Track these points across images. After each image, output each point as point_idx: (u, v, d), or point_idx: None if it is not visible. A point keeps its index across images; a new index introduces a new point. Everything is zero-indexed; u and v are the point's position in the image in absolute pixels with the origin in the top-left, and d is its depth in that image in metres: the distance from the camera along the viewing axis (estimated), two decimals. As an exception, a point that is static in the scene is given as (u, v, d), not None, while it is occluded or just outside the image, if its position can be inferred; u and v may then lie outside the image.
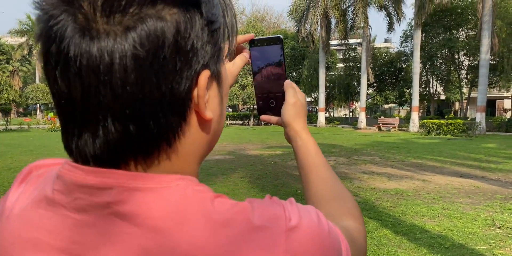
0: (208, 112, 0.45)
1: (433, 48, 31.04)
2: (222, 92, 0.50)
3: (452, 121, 23.42)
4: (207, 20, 0.44)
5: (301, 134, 0.80)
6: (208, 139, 0.50)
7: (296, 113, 0.81)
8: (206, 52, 0.44)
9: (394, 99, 39.63)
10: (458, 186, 7.78)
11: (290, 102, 0.81)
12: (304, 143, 0.79)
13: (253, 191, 7.12)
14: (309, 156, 0.78)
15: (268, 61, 0.85)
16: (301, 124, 0.81)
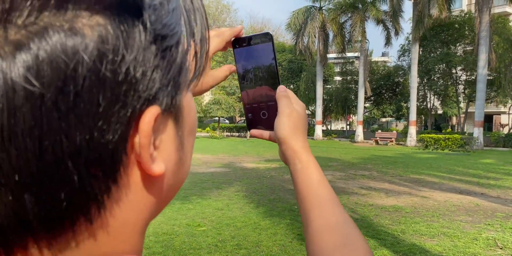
0: (157, 164, 0.32)
1: (430, 62, 31.14)
2: (183, 131, 0.36)
3: (449, 136, 23.36)
4: (154, 34, 0.30)
5: (301, 155, 0.66)
6: (158, 200, 0.35)
7: (293, 127, 0.66)
8: (152, 81, 0.30)
9: (391, 113, 39.64)
10: (457, 203, 7.62)
11: (284, 113, 0.67)
12: (304, 167, 0.65)
13: (248, 207, 6.94)
14: (310, 185, 0.64)
15: (257, 64, 0.70)
16: (300, 142, 0.67)
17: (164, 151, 0.34)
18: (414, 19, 26.52)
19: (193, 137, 0.40)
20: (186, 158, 0.39)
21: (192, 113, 0.39)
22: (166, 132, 0.34)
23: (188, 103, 0.37)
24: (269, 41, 0.69)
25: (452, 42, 31.43)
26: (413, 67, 26.55)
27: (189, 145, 0.39)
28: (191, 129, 0.39)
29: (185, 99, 0.36)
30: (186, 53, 0.34)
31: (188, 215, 6.32)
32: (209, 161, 14.29)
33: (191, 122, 0.39)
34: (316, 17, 30.01)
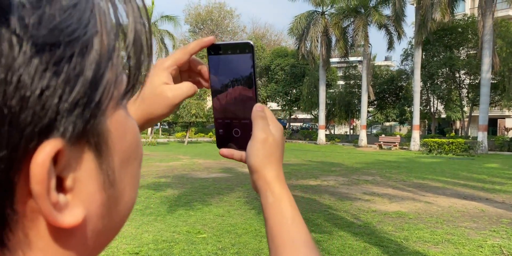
0: (69, 213, 0.26)
1: (433, 66, 31.04)
2: (112, 162, 0.30)
3: (453, 140, 23.20)
4: (37, 43, 0.23)
5: (273, 187, 0.59)
6: (83, 251, 0.29)
7: (267, 155, 0.59)
8: (41, 108, 0.23)
9: (394, 117, 39.50)
10: (461, 209, 7.51)
11: (258, 139, 0.59)
12: (277, 200, 0.58)
13: (249, 213, 6.86)
14: (283, 223, 0.56)
15: (233, 75, 0.63)
16: (274, 171, 0.59)
17: (82, 192, 0.27)
18: (416, 23, 26.48)
19: (133, 166, 0.33)
20: (121, 194, 0.32)
21: (129, 136, 0.31)
22: (81, 168, 0.27)
23: (120, 125, 0.30)
24: (249, 51, 0.62)
25: (455, 46, 31.34)
26: (416, 71, 26.47)
27: (128, 177, 0.32)
28: (127, 157, 0.32)
29: (112, 120, 0.29)
30: (107, 60, 0.27)
31: (189, 221, 6.25)
32: (211, 166, 14.23)
33: (128, 148, 0.31)
34: (318, 21, 30.03)
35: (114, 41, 0.28)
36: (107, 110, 0.28)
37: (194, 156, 18.58)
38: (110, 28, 0.27)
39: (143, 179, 10.70)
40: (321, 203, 7.82)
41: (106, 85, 0.27)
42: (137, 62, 0.30)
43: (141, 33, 0.30)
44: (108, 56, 0.27)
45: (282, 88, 38.29)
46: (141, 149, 0.34)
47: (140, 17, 0.30)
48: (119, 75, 0.28)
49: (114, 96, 0.28)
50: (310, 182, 10.62)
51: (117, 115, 0.30)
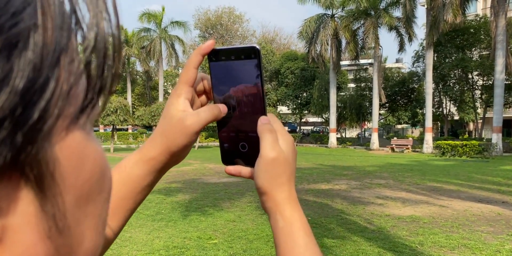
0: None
1: (445, 68, 30.74)
2: (62, 202, 0.22)
3: (467, 142, 22.87)
4: None
5: (284, 210, 0.53)
6: None
7: (276, 176, 0.53)
8: None
9: (406, 120, 39.14)
10: (477, 213, 7.36)
11: (267, 158, 0.53)
12: (287, 225, 0.52)
13: (260, 219, 6.80)
14: (294, 251, 0.51)
15: (237, 84, 0.57)
16: (284, 192, 0.54)
17: (15, 244, 0.21)
18: (427, 24, 26.26)
19: (96, 203, 0.26)
20: (79, 242, 0.24)
21: (88, 165, 0.24)
22: (14, 213, 0.20)
23: (74, 151, 0.23)
24: (255, 57, 0.56)
25: (467, 47, 31.00)
26: (428, 73, 26.22)
27: (89, 218, 0.25)
28: (87, 193, 0.24)
29: (63, 146, 0.22)
30: (52, 64, 0.20)
31: (200, 227, 6.21)
32: (221, 171, 14.20)
33: (86, 181, 0.24)
34: (328, 24, 29.96)
35: (65, 40, 0.21)
36: (53, 132, 0.21)
37: (204, 160, 18.59)
38: (60, 22, 0.21)
39: (154, 184, 10.71)
40: (333, 208, 7.73)
41: (51, 98, 0.20)
42: (98, 69, 0.23)
43: (105, 32, 0.23)
44: (53, 60, 0.20)
45: (293, 91, 38.24)
46: (108, 181, 0.27)
47: (105, 11, 0.24)
48: (74, 85, 0.22)
49: (65, 113, 0.21)
50: (322, 186, 10.53)
51: (71, 139, 0.22)
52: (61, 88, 0.20)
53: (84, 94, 0.23)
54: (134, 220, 6.60)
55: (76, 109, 0.22)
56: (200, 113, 0.55)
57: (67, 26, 0.21)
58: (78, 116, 0.23)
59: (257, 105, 0.57)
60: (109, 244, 0.55)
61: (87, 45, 0.22)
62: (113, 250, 5.07)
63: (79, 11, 0.22)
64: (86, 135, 0.24)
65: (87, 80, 0.23)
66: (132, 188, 0.55)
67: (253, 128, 0.57)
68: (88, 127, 0.25)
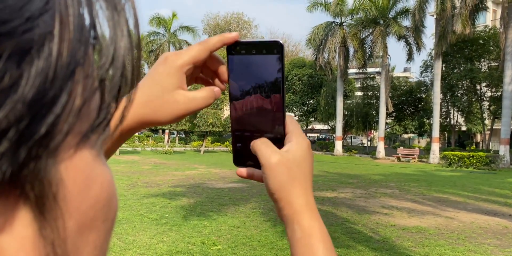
0: None
1: (454, 78, 30.61)
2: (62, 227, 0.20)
3: (474, 154, 22.69)
4: None
5: (301, 219, 0.49)
6: None
7: (285, 180, 0.49)
8: None
9: (413, 129, 38.96)
10: (484, 225, 7.28)
11: (269, 164, 0.50)
12: (306, 236, 0.48)
13: (265, 225, 6.77)
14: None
15: (256, 80, 0.54)
16: (301, 199, 0.50)
17: None
18: (436, 34, 26.21)
19: (99, 232, 0.23)
20: None
21: (95, 190, 0.22)
22: (9, 234, 0.19)
23: (81, 173, 0.21)
24: (278, 53, 0.53)
25: (476, 58, 30.88)
26: (436, 83, 26.13)
27: (90, 248, 0.23)
28: (90, 220, 0.22)
29: (69, 165, 0.20)
30: (65, 77, 0.19)
31: (204, 232, 6.19)
32: (227, 176, 14.18)
33: (91, 207, 0.22)
34: (336, 32, 29.98)
35: (82, 54, 0.20)
36: (60, 150, 0.20)
37: (210, 165, 18.58)
38: (78, 34, 0.19)
39: (158, 188, 10.72)
40: (338, 216, 7.68)
41: (62, 113, 0.19)
42: (114, 88, 0.22)
43: (124, 50, 0.22)
44: (67, 72, 0.19)
45: (299, 98, 38.24)
46: (114, 209, 0.25)
47: (126, 30, 0.22)
48: (87, 102, 0.20)
49: (75, 130, 0.20)
50: (327, 194, 10.47)
51: (78, 159, 0.21)
52: (73, 104, 0.19)
53: (97, 113, 0.21)
54: (138, 224, 6.60)
55: (87, 128, 0.21)
56: (197, 98, 0.51)
57: (85, 40, 0.20)
58: (88, 135, 0.21)
59: (276, 103, 0.54)
60: None
61: (104, 62, 0.21)
62: (116, 253, 5.06)
63: (98, 26, 0.21)
64: (96, 157, 0.23)
65: (101, 98, 0.21)
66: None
67: (270, 127, 0.55)
68: (99, 149, 0.23)
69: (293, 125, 0.54)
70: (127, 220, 6.83)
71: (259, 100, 0.54)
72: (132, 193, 9.74)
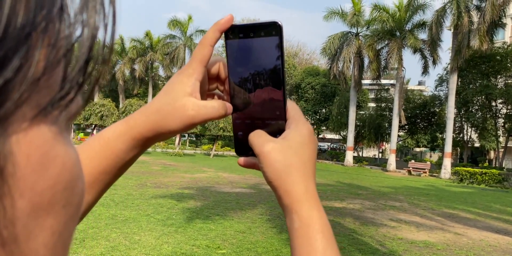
0: None
1: (469, 94, 30.30)
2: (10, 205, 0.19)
3: (487, 171, 22.35)
4: None
5: (300, 208, 0.47)
6: None
7: (281, 167, 0.47)
8: None
9: (425, 143, 38.56)
10: (494, 243, 7.13)
11: (262, 152, 0.48)
12: (304, 225, 0.46)
13: (270, 232, 6.72)
14: (310, 255, 0.45)
15: (255, 65, 0.52)
16: (300, 187, 0.47)
17: None
18: (453, 49, 26.02)
19: (58, 217, 0.21)
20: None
21: (54, 170, 0.20)
22: None
23: (37, 149, 0.19)
24: (277, 34, 0.50)
25: (492, 74, 30.54)
26: (451, 97, 25.88)
27: (46, 234, 0.21)
28: (47, 202, 0.20)
29: (22, 139, 0.19)
30: (19, 38, 0.17)
31: (209, 236, 6.17)
32: (235, 180, 14.16)
33: (49, 188, 0.20)
34: (352, 42, 29.95)
35: (43, 19, 0.18)
36: (11, 120, 0.18)
37: (219, 169, 18.59)
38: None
39: (167, 189, 10.74)
40: (345, 227, 7.60)
41: (12, 78, 0.17)
42: (80, 61, 0.20)
43: (95, 25, 0.21)
44: (21, 34, 0.17)
45: (312, 106, 38.16)
46: (78, 194, 0.23)
47: (100, 4, 0.21)
48: (47, 72, 0.19)
49: (30, 102, 0.18)
50: (336, 204, 10.38)
51: (35, 134, 0.19)
52: (27, 71, 0.17)
53: (60, 86, 0.20)
54: (144, 224, 6.61)
55: (47, 101, 0.19)
56: (208, 107, 0.50)
57: (49, 5, 0.18)
58: (48, 109, 0.19)
59: (276, 89, 0.52)
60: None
61: (70, 31, 0.19)
62: (121, 251, 5.07)
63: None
64: (57, 135, 0.20)
65: (64, 71, 0.20)
66: (114, 162, 0.50)
67: (271, 114, 0.53)
68: (63, 126, 0.21)
69: (294, 111, 0.52)
70: (133, 220, 6.85)
71: (259, 86, 0.52)
72: (140, 193, 9.78)
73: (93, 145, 0.50)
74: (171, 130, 0.51)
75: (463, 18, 24.28)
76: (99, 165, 0.49)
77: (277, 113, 0.52)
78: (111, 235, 5.77)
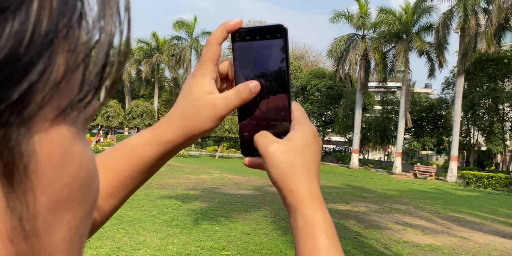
0: None
1: (476, 97, 30.13)
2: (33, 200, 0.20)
3: (493, 174, 22.18)
4: None
5: (304, 207, 0.48)
6: None
7: (284, 167, 0.48)
8: None
9: (432, 146, 38.38)
10: (500, 248, 7.08)
11: (266, 153, 0.49)
12: (308, 225, 0.47)
13: (275, 233, 6.72)
14: (314, 254, 0.46)
15: (260, 67, 0.53)
16: (303, 188, 0.48)
17: None
18: (460, 52, 25.89)
19: (74, 213, 0.22)
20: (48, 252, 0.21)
21: (72, 168, 0.22)
22: None
23: (57, 148, 0.20)
24: (281, 37, 0.51)
25: (500, 77, 30.36)
26: (457, 100, 25.74)
27: (64, 229, 0.22)
28: (65, 198, 0.21)
29: (44, 139, 0.20)
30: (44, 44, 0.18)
31: (214, 237, 6.18)
32: (240, 182, 14.17)
33: (67, 185, 0.21)
34: (358, 45, 29.91)
35: (64, 26, 0.19)
36: (35, 121, 0.19)
37: (224, 171, 18.60)
38: (60, 5, 0.19)
39: (172, 190, 10.77)
40: (350, 229, 7.58)
41: (38, 81, 0.18)
42: (97, 65, 0.21)
43: (112, 31, 0.22)
44: (45, 41, 0.18)
45: (317, 109, 38.10)
46: (94, 192, 0.24)
47: (116, 13, 0.22)
48: (67, 76, 0.20)
49: (52, 103, 0.19)
50: (341, 206, 10.36)
51: (55, 133, 0.20)
52: (50, 74, 0.18)
53: (79, 89, 0.21)
54: (149, 224, 6.63)
55: (67, 103, 0.20)
56: (228, 97, 0.51)
57: (70, 13, 0.19)
58: (68, 110, 0.20)
59: (281, 91, 0.53)
60: (97, 227, 0.51)
61: (89, 38, 0.21)
62: (126, 252, 5.09)
63: (87, 4, 0.20)
64: (75, 135, 0.22)
65: (83, 74, 0.21)
66: (141, 168, 0.52)
67: (276, 116, 0.54)
68: (80, 127, 0.22)
69: (298, 112, 0.53)
70: (139, 220, 6.87)
71: (264, 88, 0.54)
72: (145, 193, 9.81)
73: (121, 151, 0.52)
74: (202, 130, 0.52)
75: (470, 21, 24.16)
76: (126, 171, 0.51)
77: (282, 115, 0.53)
78: (117, 236, 5.80)
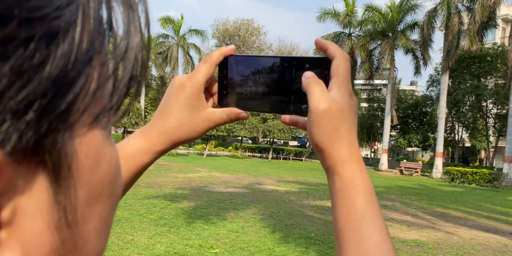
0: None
1: (460, 94, 30.59)
2: (74, 195, 0.22)
3: (477, 170, 22.58)
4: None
5: (342, 170, 0.48)
6: None
7: (330, 129, 0.48)
8: None
9: (417, 143, 38.86)
10: (484, 242, 7.23)
11: (317, 110, 0.48)
12: (346, 187, 0.47)
13: (264, 231, 6.76)
14: (350, 217, 0.46)
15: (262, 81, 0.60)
16: (344, 149, 0.49)
17: (24, 230, 0.20)
18: (444, 49, 26.25)
19: (105, 206, 0.25)
20: (83, 241, 0.24)
21: (104, 167, 0.25)
22: (28, 197, 0.20)
23: (93, 150, 0.23)
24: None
25: (483, 75, 30.87)
26: (442, 97, 26.11)
27: (96, 219, 0.25)
28: (98, 193, 0.24)
29: (83, 141, 0.22)
30: (84, 61, 0.21)
31: (202, 235, 6.19)
32: (228, 180, 14.19)
33: (100, 181, 0.24)
34: (345, 43, 30.11)
35: (99, 43, 0.22)
36: (76, 126, 0.21)
37: (212, 169, 18.59)
38: (97, 25, 0.21)
39: (160, 189, 10.74)
40: (337, 226, 7.65)
41: (79, 93, 0.21)
42: (125, 77, 0.24)
43: (137, 44, 0.25)
44: (86, 58, 0.21)
45: (304, 107, 38.25)
46: (119, 187, 0.27)
47: (139, 25, 0.25)
48: (101, 86, 0.22)
49: (89, 111, 0.22)
50: (328, 203, 10.44)
51: (91, 136, 0.23)
52: (89, 86, 0.21)
53: (109, 98, 0.23)
54: (137, 224, 6.61)
55: (100, 110, 0.23)
56: (222, 117, 0.58)
57: (103, 31, 0.22)
58: (100, 117, 0.23)
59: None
60: None
61: (118, 53, 0.23)
62: (114, 251, 5.07)
63: (114, 20, 0.23)
64: (106, 137, 0.25)
65: (113, 84, 0.24)
66: (136, 174, 0.57)
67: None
68: (108, 130, 0.25)
69: (341, 69, 0.52)
70: (126, 219, 6.84)
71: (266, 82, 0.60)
72: (133, 192, 9.76)
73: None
74: (192, 139, 0.59)
75: (454, 18, 24.51)
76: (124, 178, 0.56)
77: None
78: (104, 235, 5.76)
